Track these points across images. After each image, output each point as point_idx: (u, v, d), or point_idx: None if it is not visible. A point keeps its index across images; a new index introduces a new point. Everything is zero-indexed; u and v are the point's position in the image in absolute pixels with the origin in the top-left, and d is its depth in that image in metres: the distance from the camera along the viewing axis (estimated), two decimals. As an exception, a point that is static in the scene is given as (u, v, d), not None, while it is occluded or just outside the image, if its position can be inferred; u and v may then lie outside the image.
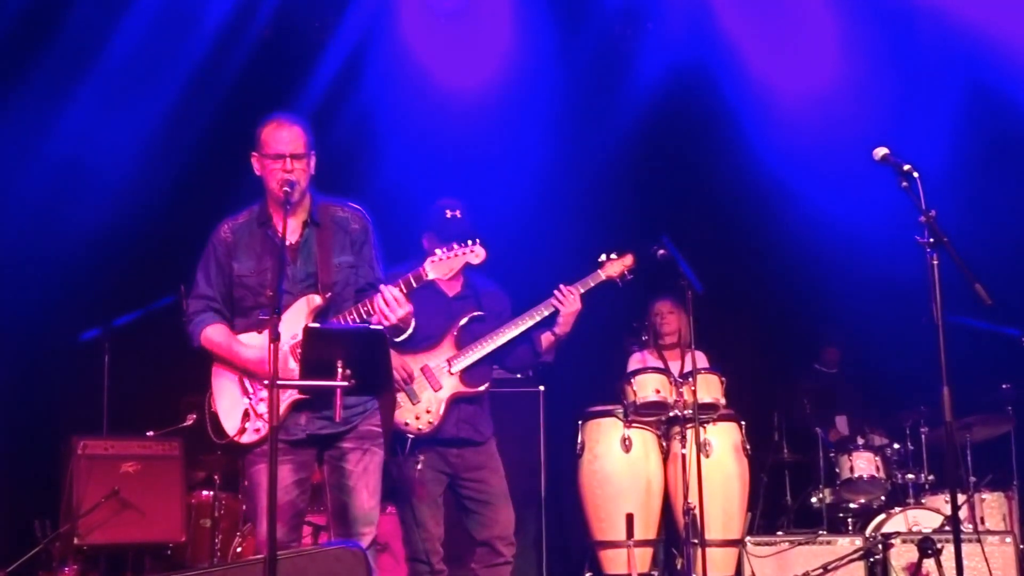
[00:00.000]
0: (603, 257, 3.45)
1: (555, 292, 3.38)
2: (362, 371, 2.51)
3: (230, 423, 2.75)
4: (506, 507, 3.34)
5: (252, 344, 2.75)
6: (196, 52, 4.57)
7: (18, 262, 4.51)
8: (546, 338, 3.45)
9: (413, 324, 2.77)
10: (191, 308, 2.85)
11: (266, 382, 2.59)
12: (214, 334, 2.78)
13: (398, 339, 2.77)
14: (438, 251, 2.71)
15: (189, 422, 4.01)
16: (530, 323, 3.38)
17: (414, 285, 2.70)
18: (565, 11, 4.83)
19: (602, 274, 3.44)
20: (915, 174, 2.89)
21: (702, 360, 4.14)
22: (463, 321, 3.38)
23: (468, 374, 3.35)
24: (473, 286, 3.49)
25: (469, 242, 2.73)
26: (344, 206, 2.87)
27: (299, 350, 2.68)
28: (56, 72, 4.45)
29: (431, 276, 2.70)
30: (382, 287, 2.68)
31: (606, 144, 4.96)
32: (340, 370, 2.48)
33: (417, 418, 3.29)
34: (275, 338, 2.44)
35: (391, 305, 2.64)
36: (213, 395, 2.79)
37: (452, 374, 3.33)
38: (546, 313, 3.38)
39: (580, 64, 4.90)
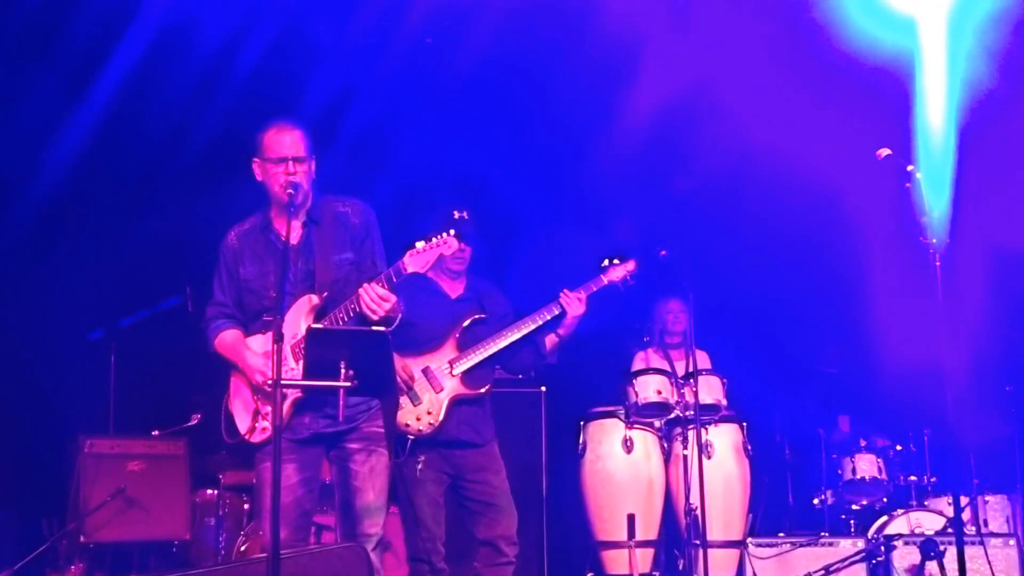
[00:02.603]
0: (606, 262, 3.48)
1: (560, 295, 3.41)
2: (365, 372, 2.53)
3: (242, 423, 2.79)
4: (509, 507, 3.37)
5: (256, 350, 2.78)
6: (203, 54, 4.60)
7: (26, 262, 4.55)
8: (550, 339, 3.48)
9: (400, 316, 2.76)
10: (208, 314, 2.91)
11: (270, 383, 2.61)
12: (225, 339, 2.84)
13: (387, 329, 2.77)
14: (418, 244, 2.71)
15: (194, 422, 4.05)
16: (533, 327, 3.40)
17: (395, 280, 2.70)
18: (574, 15, 4.84)
19: (604, 279, 3.47)
20: (918, 175, 2.90)
21: (704, 360, 4.15)
22: (465, 323, 3.40)
23: (469, 376, 3.37)
24: (475, 289, 3.52)
25: (443, 233, 2.72)
26: (345, 201, 2.88)
27: (299, 349, 2.70)
28: (64, 75, 4.48)
29: (410, 269, 2.70)
30: (364, 286, 2.68)
31: (610, 145, 4.96)
32: (343, 371, 2.50)
33: (418, 419, 3.31)
34: (279, 339, 2.46)
35: (376, 302, 2.65)
36: (231, 395, 2.83)
37: (453, 376, 3.35)
38: (548, 317, 3.41)
39: (587, 66, 4.91)
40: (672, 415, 3.90)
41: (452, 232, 2.71)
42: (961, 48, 4.26)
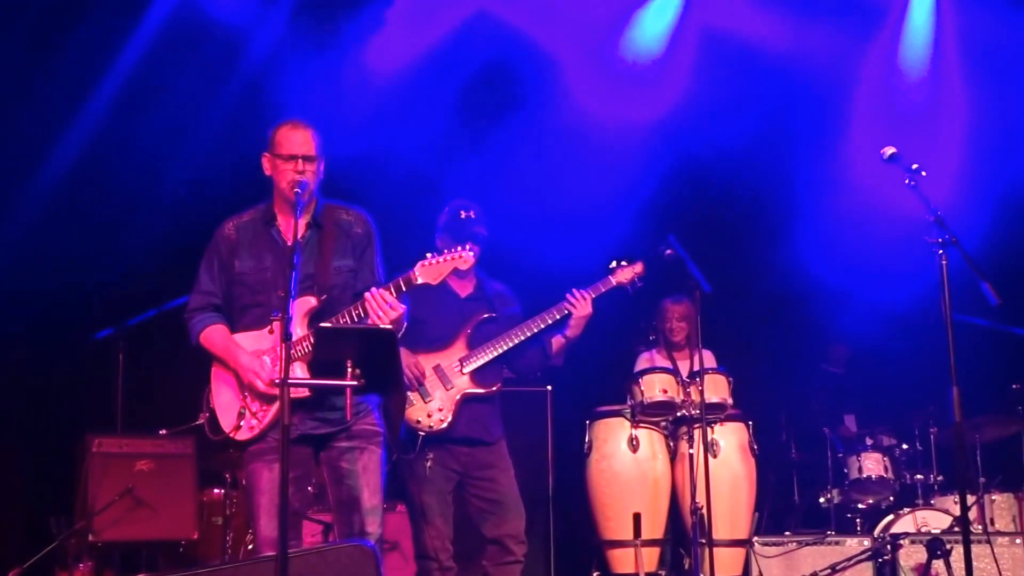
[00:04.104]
0: (613, 264, 3.49)
1: (567, 296, 3.42)
2: (372, 371, 2.54)
3: (226, 420, 2.78)
4: (517, 506, 3.37)
5: (247, 348, 2.77)
6: (209, 54, 4.62)
7: (33, 261, 4.57)
8: (556, 341, 3.49)
9: (404, 326, 2.77)
10: (192, 303, 2.87)
11: (276, 381, 2.62)
12: (213, 335, 2.82)
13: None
14: (428, 255, 2.72)
15: (201, 420, 4.04)
16: (542, 326, 3.41)
17: (403, 289, 2.71)
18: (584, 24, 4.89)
19: (613, 280, 3.48)
20: (923, 173, 2.90)
21: (710, 359, 4.14)
22: (475, 322, 3.41)
23: (479, 374, 3.38)
24: (485, 288, 3.53)
25: (458, 247, 2.74)
26: (348, 209, 2.89)
27: (296, 350, 2.69)
28: (69, 73, 4.50)
29: (420, 280, 2.71)
30: (373, 291, 2.68)
31: (614, 144, 4.97)
32: (350, 370, 2.50)
33: (429, 416, 3.32)
34: (287, 338, 2.47)
35: (383, 308, 2.66)
36: (212, 392, 2.82)
37: (463, 374, 3.36)
38: (558, 316, 3.42)
39: (593, 70, 4.93)
40: (678, 414, 3.90)
41: (468, 246, 2.72)
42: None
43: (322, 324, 2.65)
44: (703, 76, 4.89)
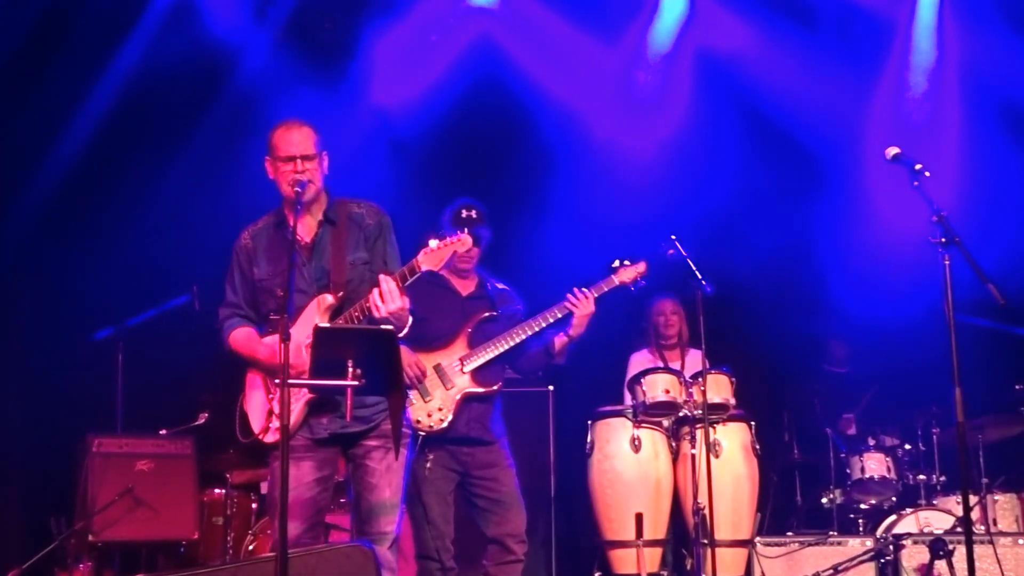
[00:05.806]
0: (616, 263, 3.48)
1: (568, 295, 3.40)
2: (372, 371, 2.53)
3: (256, 422, 2.80)
4: (517, 505, 3.37)
5: (271, 343, 2.78)
6: (210, 51, 4.62)
7: (33, 261, 4.57)
8: (559, 340, 3.47)
9: (411, 321, 2.76)
10: (220, 316, 2.92)
11: (277, 381, 2.61)
12: (239, 336, 2.85)
13: (398, 336, 2.75)
14: (431, 242, 2.71)
15: (201, 420, 4.05)
16: (543, 325, 3.40)
17: (408, 277, 2.70)
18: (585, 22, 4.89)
19: (616, 280, 3.47)
20: (927, 173, 2.89)
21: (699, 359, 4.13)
22: (476, 321, 3.40)
23: (480, 374, 3.37)
24: (487, 287, 3.52)
25: (458, 232, 2.74)
26: (360, 203, 2.89)
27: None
28: (68, 71, 4.50)
29: (425, 267, 2.70)
30: (380, 277, 2.68)
31: (614, 144, 4.97)
32: (351, 370, 2.50)
33: (429, 415, 3.31)
34: (285, 338, 2.46)
35: (384, 297, 2.65)
36: (245, 395, 2.84)
37: (464, 373, 3.35)
38: (560, 315, 3.41)
39: (595, 70, 4.93)
40: (680, 414, 3.89)
41: (466, 230, 2.72)
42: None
43: (321, 324, 2.64)
44: (704, 85, 4.90)
